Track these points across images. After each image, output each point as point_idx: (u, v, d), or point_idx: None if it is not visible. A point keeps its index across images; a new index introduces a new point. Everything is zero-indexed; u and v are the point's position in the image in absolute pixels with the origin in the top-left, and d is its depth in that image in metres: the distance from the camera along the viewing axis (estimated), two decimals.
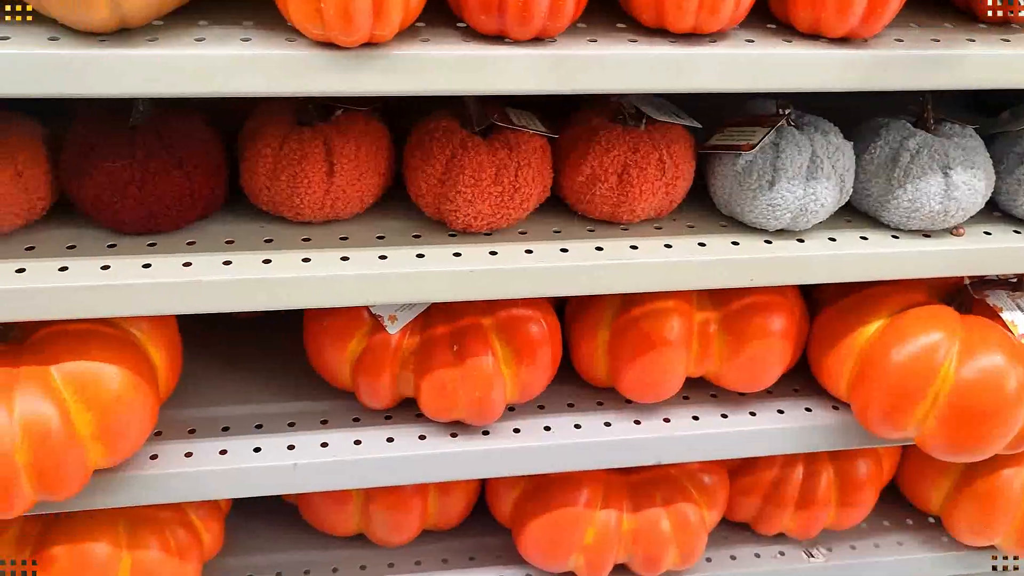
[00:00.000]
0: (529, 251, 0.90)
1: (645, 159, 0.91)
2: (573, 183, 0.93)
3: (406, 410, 1.06)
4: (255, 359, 1.14)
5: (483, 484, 1.23)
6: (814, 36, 0.84)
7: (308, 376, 1.09)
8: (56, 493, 0.88)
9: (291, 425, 1.04)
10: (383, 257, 0.88)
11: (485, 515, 1.24)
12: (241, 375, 1.11)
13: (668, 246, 0.93)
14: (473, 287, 0.88)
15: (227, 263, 0.85)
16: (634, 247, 0.92)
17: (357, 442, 1.02)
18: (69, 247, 0.86)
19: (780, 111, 0.95)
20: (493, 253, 0.90)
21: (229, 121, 0.95)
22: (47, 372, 0.87)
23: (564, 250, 0.91)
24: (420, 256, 0.88)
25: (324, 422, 1.04)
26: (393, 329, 0.99)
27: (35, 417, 0.84)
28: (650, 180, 0.91)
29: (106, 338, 0.90)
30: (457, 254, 0.89)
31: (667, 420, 1.08)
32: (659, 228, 0.96)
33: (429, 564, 1.22)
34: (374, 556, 1.22)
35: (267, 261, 0.86)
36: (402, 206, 0.96)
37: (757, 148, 0.91)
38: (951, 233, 0.98)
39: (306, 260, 0.87)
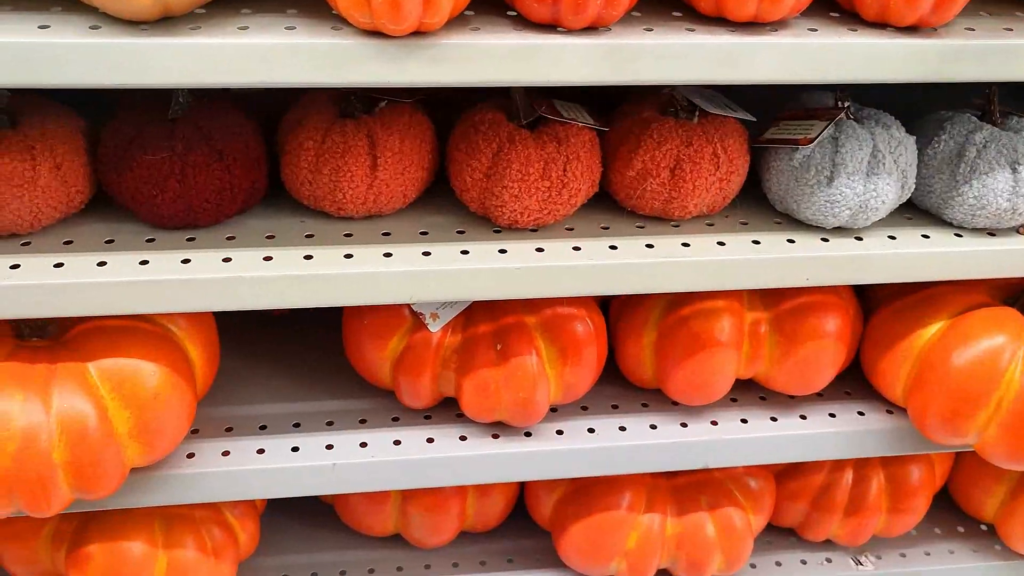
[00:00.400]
0: (577, 248, 0.87)
1: (699, 153, 0.87)
2: (623, 178, 0.90)
3: (446, 410, 1.04)
4: (292, 356, 1.12)
5: (522, 486, 1.20)
6: (880, 25, 0.80)
7: (346, 374, 1.07)
8: (93, 492, 0.86)
9: (329, 424, 1.01)
10: (427, 253, 0.85)
11: (523, 517, 1.21)
12: (278, 373, 1.09)
13: (721, 244, 0.89)
14: (520, 285, 0.85)
15: (268, 259, 0.83)
16: (686, 244, 0.89)
17: (397, 442, 0.99)
18: (107, 241, 0.85)
19: (839, 104, 0.91)
20: (540, 250, 0.87)
21: (268, 113, 0.93)
22: (84, 369, 0.85)
23: (613, 247, 0.88)
24: (465, 253, 0.86)
25: (363, 421, 1.02)
26: (435, 327, 0.96)
27: (73, 415, 0.83)
28: (704, 175, 0.88)
29: (144, 334, 0.89)
30: (503, 251, 0.86)
31: (715, 423, 1.04)
32: (711, 225, 0.93)
33: (466, 566, 1.20)
34: (410, 557, 1.20)
35: (308, 257, 0.84)
36: (445, 201, 0.94)
37: (816, 142, 0.87)
38: (1017, 232, 0.93)
39: (348, 256, 0.84)
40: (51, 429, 0.82)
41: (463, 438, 1.01)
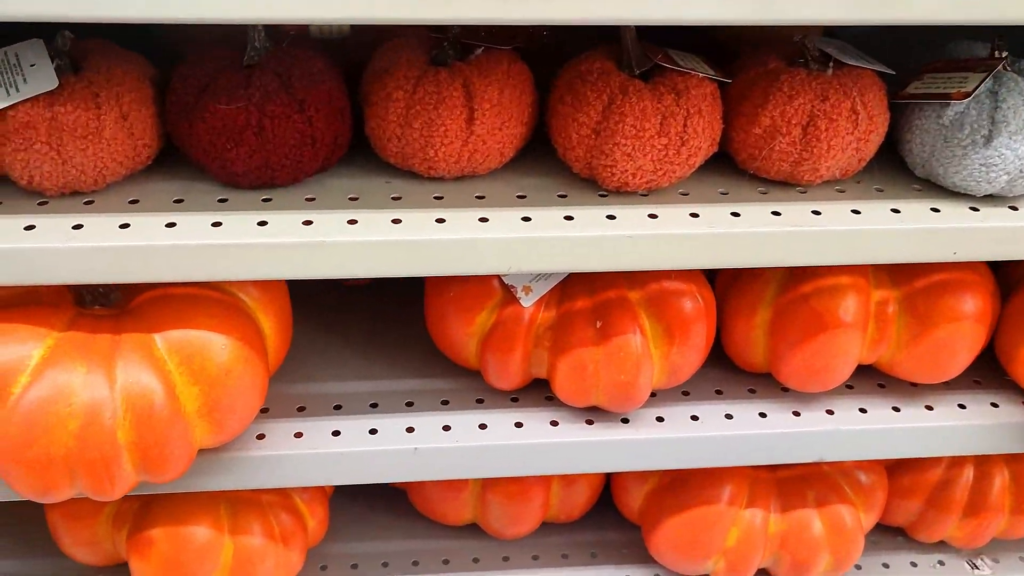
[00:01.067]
0: (694, 215, 0.78)
1: (835, 109, 0.77)
2: (746, 136, 0.80)
3: (535, 392, 0.95)
4: (367, 330, 1.04)
5: (608, 474, 1.11)
6: None
7: (427, 351, 0.99)
8: (159, 475, 0.79)
9: (409, 405, 0.93)
10: (526, 219, 0.76)
11: (608, 508, 1.13)
12: (353, 347, 1.01)
13: (856, 212, 0.79)
14: (630, 255, 0.76)
15: (352, 223, 0.75)
16: (816, 212, 0.79)
17: (482, 426, 0.91)
18: (176, 201, 0.77)
19: (996, 53, 0.80)
20: (653, 216, 0.77)
21: (350, 62, 0.84)
22: (150, 341, 0.78)
23: (735, 214, 0.78)
24: (569, 219, 0.77)
25: (445, 403, 0.94)
26: (527, 301, 0.87)
27: (138, 390, 0.75)
28: (840, 134, 0.77)
29: (214, 304, 0.81)
30: (611, 216, 0.77)
31: (830, 412, 0.94)
32: (842, 191, 0.83)
33: (547, 559, 1.12)
34: (487, 548, 1.12)
35: (396, 221, 0.75)
36: (543, 161, 0.85)
37: (972, 97, 0.76)
38: None
39: (440, 221, 0.75)
40: (116, 406, 0.75)
41: (554, 423, 0.92)
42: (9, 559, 1.08)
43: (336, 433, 0.89)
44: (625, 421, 0.92)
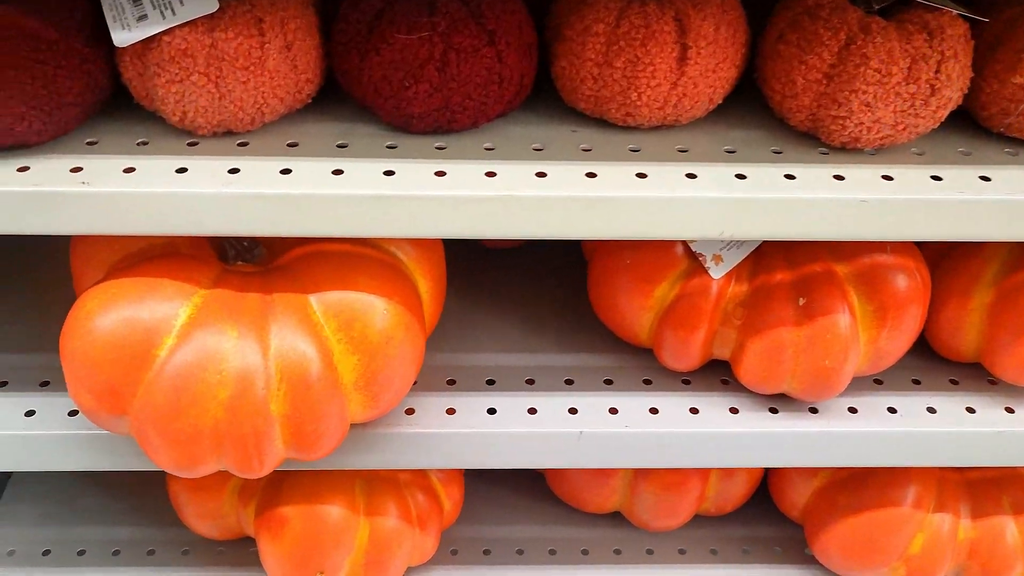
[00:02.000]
0: (936, 178, 0.66)
1: None
2: (1001, 87, 0.68)
3: (709, 373, 0.85)
4: (519, 298, 0.94)
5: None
6: None
7: (586, 323, 0.89)
8: (310, 452, 0.71)
9: (569, 383, 0.84)
10: (741, 176, 0.66)
11: (760, 502, 1.03)
12: (504, 317, 0.91)
13: None
14: (864, 223, 0.65)
15: (541, 175, 0.65)
16: None
17: (653, 410, 0.81)
18: (340, 145, 0.68)
19: None
20: (887, 178, 0.66)
21: None
22: (306, 303, 0.69)
23: (985, 178, 0.66)
24: (790, 177, 0.66)
25: (608, 382, 0.84)
26: (717, 273, 0.77)
27: (294, 358, 0.67)
28: None
29: (374, 263, 0.72)
30: (839, 177, 0.66)
31: None
32: None
33: (695, 554, 1.02)
34: (631, 539, 1.03)
35: (591, 175, 0.65)
36: (748, 112, 0.74)
37: None
38: None
39: (641, 176, 0.65)
40: (269, 375, 0.67)
41: (734, 411, 0.82)
42: (128, 526, 1.02)
43: (492, 411, 0.80)
44: (813, 411, 0.82)
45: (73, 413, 0.79)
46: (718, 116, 0.73)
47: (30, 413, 0.78)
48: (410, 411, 0.80)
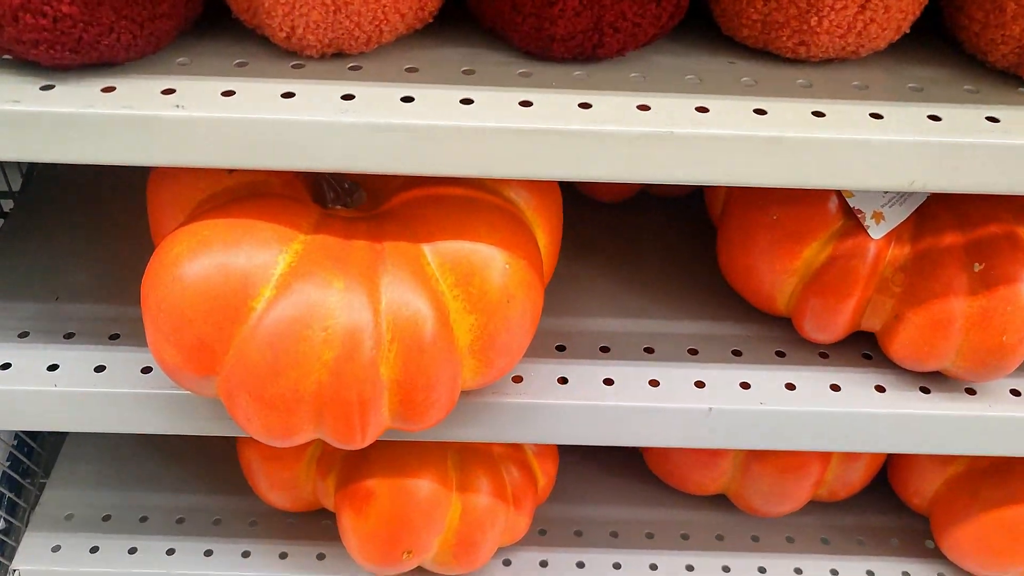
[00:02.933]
0: None
1: None
2: None
3: (849, 347, 0.76)
4: (631, 256, 0.85)
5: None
6: None
7: (710, 285, 0.81)
8: (417, 422, 0.63)
9: (693, 353, 0.75)
10: (934, 118, 0.56)
11: (878, 488, 0.94)
12: (616, 277, 0.82)
13: None
14: None
15: (701, 110, 0.56)
16: None
17: (789, 386, 0.73)
18: (466, 72, 0.59)
19: None
20: None
21: None
22: (419, 253, 0.61)
23: None
24: (992, 120, 0.56)
25: (737, 353, 0.75)
26: (877, 233, 0.68)
27: (409, 316, 0.59)
28: None
29: (491, 211, 0.63)
30: None
31: None
32: None
33: (804, 542, 0.94)
34: (735, 524, 0.95)
35: (760, 112, 0.56)
36: (928, 46, 0.64)
37: None
38: None
39: (818, 115, 0.56)
40: (380, 333, 0.58)
41: (880, 388, 0.73)
42: (192, 493, 0.95)
43: (608, 382, 0.72)
44: (971, 392, 0.73)
45: (147, 370, 0.71)
46: (894, 50, 0.63)
47: (99, 369, 0.71)
48: (518, 379, 0.72)
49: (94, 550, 0.89)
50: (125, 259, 0.80)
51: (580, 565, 0.90)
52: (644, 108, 0.56)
